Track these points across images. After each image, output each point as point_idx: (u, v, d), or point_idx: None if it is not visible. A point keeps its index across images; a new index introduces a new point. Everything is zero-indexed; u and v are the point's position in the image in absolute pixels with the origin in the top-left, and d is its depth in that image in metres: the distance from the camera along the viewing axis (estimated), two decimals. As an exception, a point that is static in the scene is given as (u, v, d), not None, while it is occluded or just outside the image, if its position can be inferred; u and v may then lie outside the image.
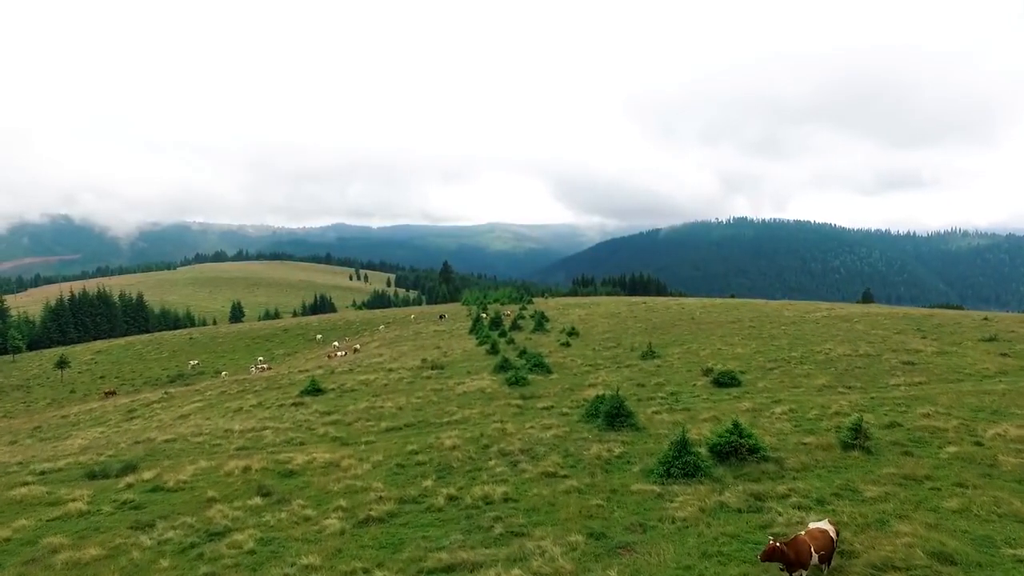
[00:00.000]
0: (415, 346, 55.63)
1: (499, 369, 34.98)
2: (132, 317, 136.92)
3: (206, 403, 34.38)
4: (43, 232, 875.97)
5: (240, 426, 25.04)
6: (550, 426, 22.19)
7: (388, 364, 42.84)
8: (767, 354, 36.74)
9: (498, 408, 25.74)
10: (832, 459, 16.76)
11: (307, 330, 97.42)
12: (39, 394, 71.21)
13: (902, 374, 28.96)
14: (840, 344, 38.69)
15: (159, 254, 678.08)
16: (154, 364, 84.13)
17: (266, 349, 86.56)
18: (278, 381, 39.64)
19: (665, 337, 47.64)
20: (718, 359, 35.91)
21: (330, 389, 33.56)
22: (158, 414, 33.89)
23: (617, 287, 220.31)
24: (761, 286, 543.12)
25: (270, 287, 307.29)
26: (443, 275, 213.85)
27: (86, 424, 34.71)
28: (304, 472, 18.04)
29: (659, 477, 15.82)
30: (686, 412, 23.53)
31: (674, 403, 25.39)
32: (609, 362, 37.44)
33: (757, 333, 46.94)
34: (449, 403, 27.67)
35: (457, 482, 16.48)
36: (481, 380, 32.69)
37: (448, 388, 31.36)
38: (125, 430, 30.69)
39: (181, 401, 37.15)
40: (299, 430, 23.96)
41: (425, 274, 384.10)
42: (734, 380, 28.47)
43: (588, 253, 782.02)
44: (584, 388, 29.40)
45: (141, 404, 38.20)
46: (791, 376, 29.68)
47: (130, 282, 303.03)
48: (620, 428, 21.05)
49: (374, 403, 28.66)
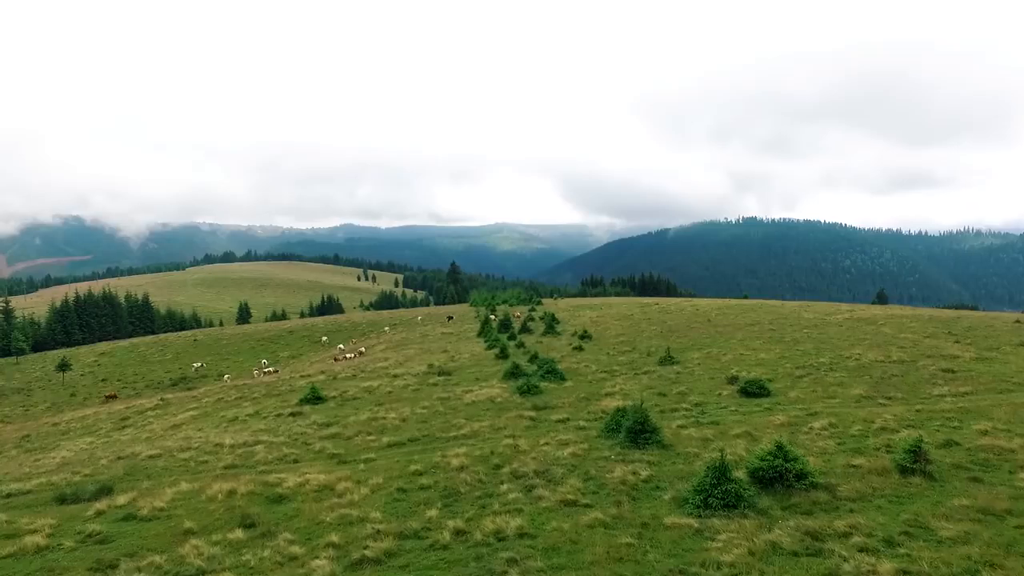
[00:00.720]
0: (421, 349, 53.84)
1: (509, 376, 33.10)
2: (138, 318, 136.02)
3: (201, 411, 32.69)
4: (55, 233, 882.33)
5: (231, 439, 23.26)
6: (567, 442, 20.27)
7: (393, 369, 41.04)
8: (793, 360, 34.67)
9: (509, 421, 23.84)
10: (891, 486, 14.75)
11: (313, 332, 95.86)
12: (39, 397, 69.93)
13: (944, 383, 26.87)
14: (870, 349, 36.58)
15: (169, 255, 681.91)
16: (157, 367, 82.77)
17: (271, 351, 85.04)
18: (278, 387, 37.92)
19: (682, 341, 45.61)
20: (741, 365, 33.89)
21: (331, 397, 31.78)
22: (151, 423, 32.22)
23: (627, 287, 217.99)
24: (771, 286, 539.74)
25: (278, 288, 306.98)
26: (451, 276, 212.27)
27: (76, 433, 33.11)
28: (295, 497, 16.20)
29: (696, 508, 13.87)
30: (715, 426, 21.55)
31: (700, 416, 23.41)
32: (625, 368, 35.47)
33: (779, 337, 44.84)
34: (456, 414, 25.80)
35: (465, 511, 14.60)
36: (491, 388, 30.81)
37: (455, 397, 29.51)
38: (114, 441, 29.02)
39: (176, 409, 35.49)
40: (294, 445, 22.16)
41: (433, 274, 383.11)
42: (763, 389, 26.44)
43: (596, 253, 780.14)
44: (601, 398, 27.46)
45: (135, 412, 36.56)
46: (823, 385, 27.62)
47: (139, 283, 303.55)
48: (645, 446, 19.11)
49: (376, 413, 26.84)
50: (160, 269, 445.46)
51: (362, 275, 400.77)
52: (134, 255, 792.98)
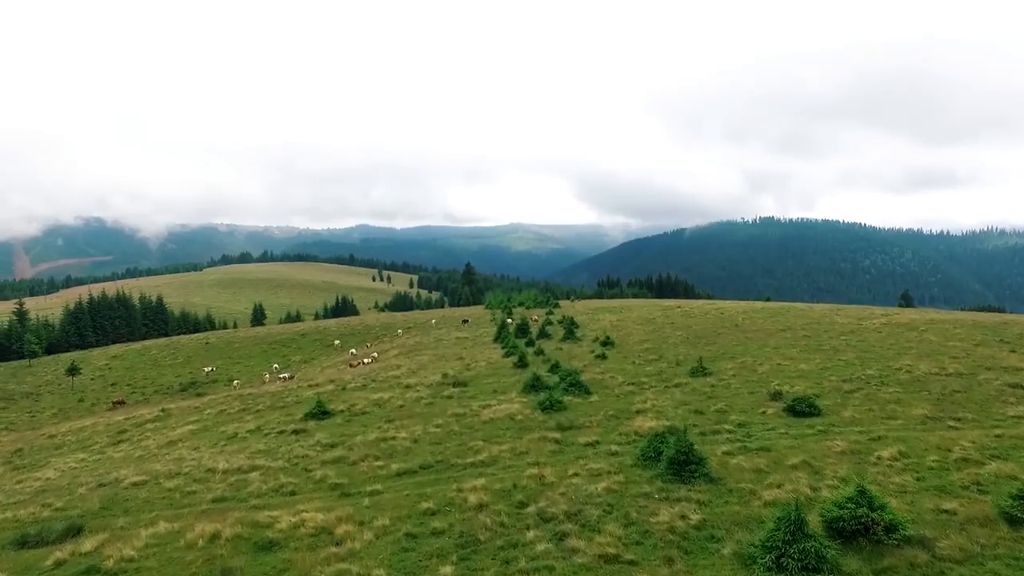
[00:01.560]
0: (436, 355, 51.57)
1: (530, 388, 30.69)
2: (151, 320, 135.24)
3: (201, 426, 30.64)
4: (76, 234, 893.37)
5: (225, 463, 21.07)
6: (599, 473, 17.85)
7: (405, 378, 38.78)
8: (837, 371, 31.92)
9: (532, 444, 21.43)
10: (1002, 543, 12.17)
11: (325, 335, 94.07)
12: (47, 403, 68.65)
13: (1016, 401, 24.10)
14: (920, 360, 33.72)
15: (187, 255, 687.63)
16: (168, 371, 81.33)
17: (282, 355, 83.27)
18: (283, 398, 35.81)
19: (712, 349, 42.91)
20: (781, 377, 31.21)
21: (338, 411, 29.56)
22: (148, 437, 30.22)
23: (644, 289, 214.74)
24: (789, 287, 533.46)
25: (293, 289, 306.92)
26: (465, 277, 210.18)
27: (70, 448, 31.24)
28: (287, 543, 13.92)
29: (767, 572, 11.39)
30: (766, 454, 19.00)
31: (746, 439, 20.86)
32: (654, 380, 32.90)
33: (815, 344, 41.99)
34: (473, 434, 23.44)
35: (485, 568, 12.23)
36: (510, 403, 28.42)
37: (472, 413, 27.14)
38: (105, 459, 27.02)
39: (176, 421, 33.50)
40: (293, 471, 19.91)
41: (447, 275, 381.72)
42: (812, 408, 23.79)
43: (612, 253, 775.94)
44: (631, 416, 24.96)
45: (134, 424, 34.63)
46: (879, 403, 24.91)
47: (157, 283, 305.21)
48: (690, 479, 16.63)
49: (385, 432, 24.54)
50: (178, 270, 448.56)
51: (377, 276, 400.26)
52: (153, 255, 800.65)
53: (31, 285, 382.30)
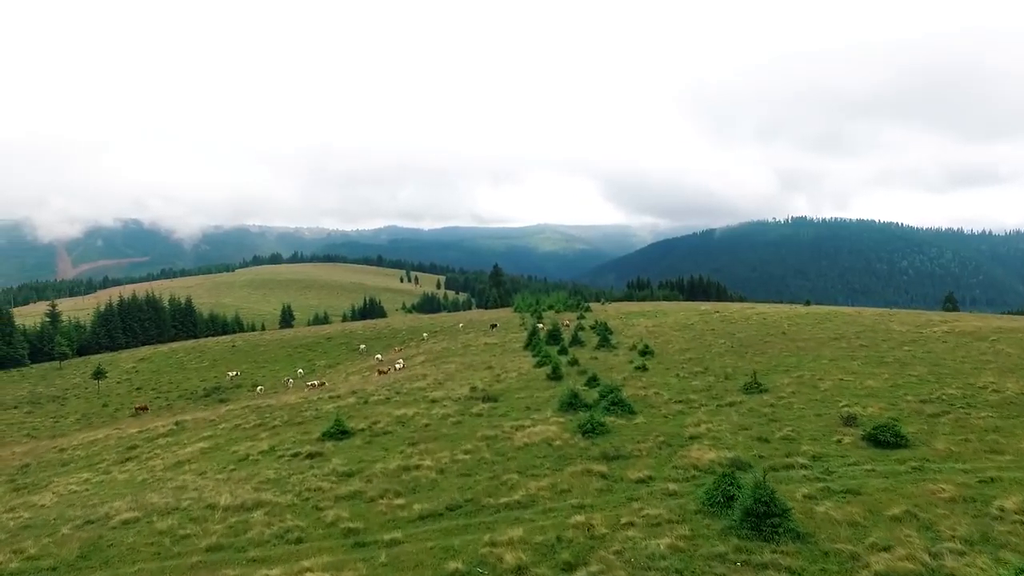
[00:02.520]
0: (463, 364, 49.06)
1: (567, 407, 27.90)
2: (180, 322, 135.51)
3: (213, 443, 28.50)
4: (115, 236, 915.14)
5: (229, 497, 18.71)
6: (658, 522, 15.01)
7: (431, 391, 36.29)
8: (911, 389, 28.52)
9: (575, 479, 18.66)
10: None
11: (351, 338, 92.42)
12: (72, 407, 67.92)
13: None
14: (1003, 376, 30.13)
15: (220, 256, 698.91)
16: (193, 374, 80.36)
17: (307, 359, 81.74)
18: (302, 412, 33.58)
19: (761, 360, 39.59)
20: (848, 396, 27.93)
21: (358, 430, 27.14)
22: (157, 456, 28.18)
23: (675, 290, 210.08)
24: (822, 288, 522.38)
25: (322, 289, 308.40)
26: (493, 279, 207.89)
27: (77, 465, 29.42)
28: (284, 618, 11.39)
29: None
30: (857, 499, 15.95)
31: (827, 477, 17.80)
32: (704, 396, 29.85)
33: (877, 356, 38.43)
34: (507, 463, 20.76)
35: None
36: (545, 423, 25.67)
37: (504, 435, 24.46)
38: (108, 481, 25.00)
39: (189, 436, 31.48)
40: (302, 510, 17.45)
41: (475, 276, 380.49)
42: (898, 437, 20.54)
43: (640, 254, 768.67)
44: (685, 443, 22.02)
45: (146, 438, 32.73)
46: (974, 431, 21.57)
47: (190, 284, 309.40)
48: (773, 536, 13.71)
49: (409, 459, 22.01)
50: (211, 270, 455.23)
51: (404, 276, 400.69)
52: (188, 256, 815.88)
53: (71, 286, 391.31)
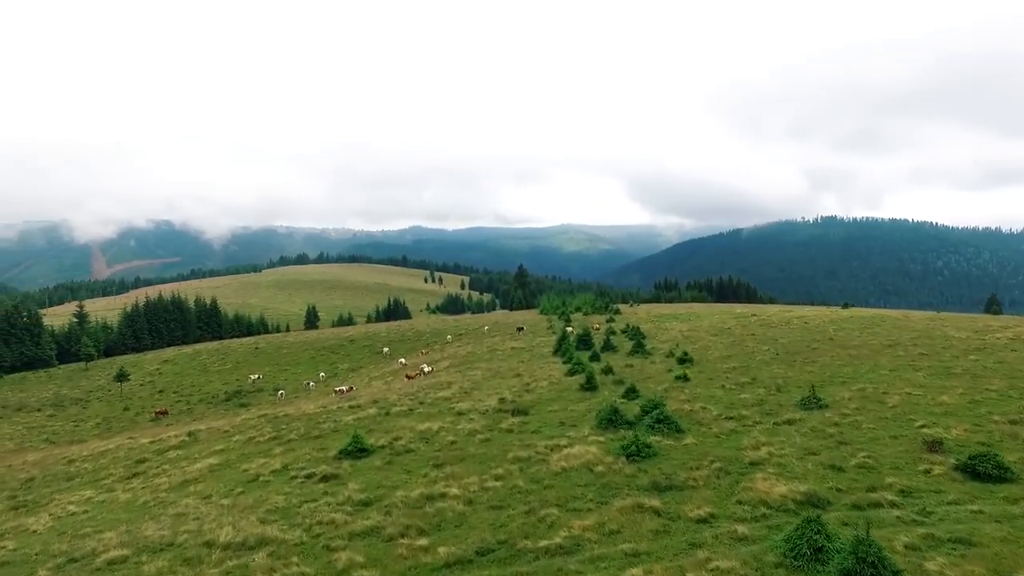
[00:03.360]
0: (490, 371, 46.69)
1: (606, 423, 25.34)
2: (206, 322, 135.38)
3: (223, 459, 26.51)
4: (148, 236, 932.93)
5: (231, 530, 16.56)
6: (732, 578, 12.44)
7: (457, 401, 33.97)
8: (994, 407, 25.39)
9: (624, 516, 16.11)
10: None
11: (374, 341, 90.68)
12: (94, 410, 67.10)
13: None
14: (1097, 391, 26.81)
15: (249, 256, 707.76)
16: (215, 377, 79.27)
17: (330, 363, 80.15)
18: (319, 423, 31.48)
19: (813, 369, 36.55)
20: (922, 414, 24.91)
21: (378, 447, 24.89)
22: (165, 471, 26.29)
23: (703, 291, 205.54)
24: (853, 289, 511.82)
25: (347, 290, 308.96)
26: (518, 279, 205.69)
27: (83, 479, 27.67)
28: None
29: None
30: (973, 552, 13.18)
31: (925, 520, 15.02)
32: (756, 412, 27.04)
33: (942, 366, 35.11)
34: (543, 493, 18.31)
35: None
36: (584, 443, 23.16)
37: (538, 457, 22.01)
38: (110, 502, 23.11)
39: (201, 449, 29.58)
40: (311, 552, 15.19)
41: (499, 276, 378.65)
42: (1002, 470, 17.60)
43: (665, 254, 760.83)
44: (746, 470, 19.33)
45: (156, 451, 30.91)
46: (1087, 460, 18.54)
47: (217, 284, 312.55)
48: (883, 608, 11.05)
49: (433, 485, 19.69)
50: (239, 271, 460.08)
51: (429, 277, 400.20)
52: (217, 256, 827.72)
53: (104, 286, 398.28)
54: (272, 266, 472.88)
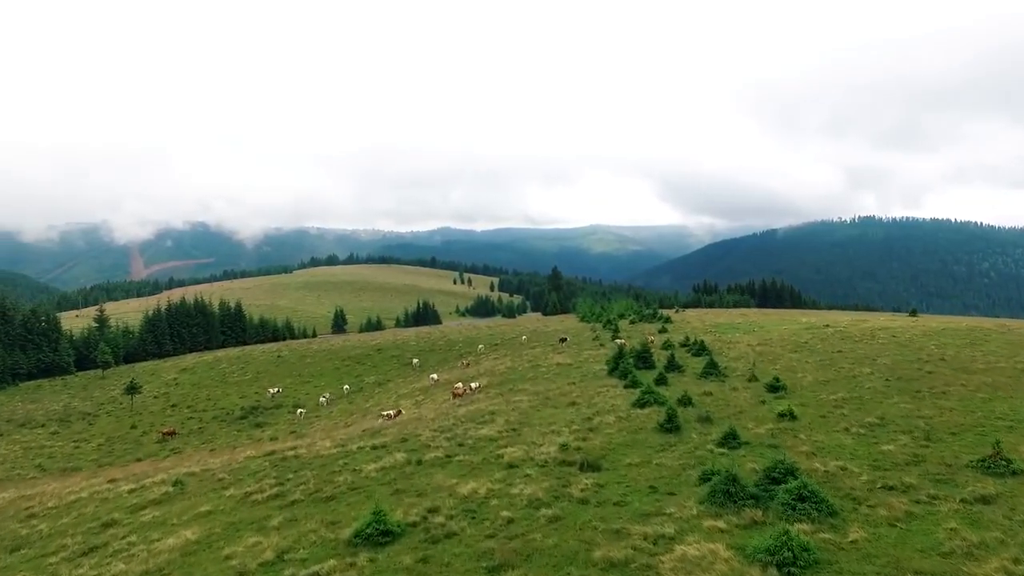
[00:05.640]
0: (538, 396, 39.81)
1: (723, 496, 18.23)
2: (230, 327, 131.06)
3: (206, 531, 20.08)
4: (183, 237, 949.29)
5: None
6: None
7: (504, 444, 27.15)
8: None
9: None
10: None
11: (403, 350, 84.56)
12: (100, 428, 62.01)
13: None
14: None
15: (280, 257, 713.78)
16: (233, 390, 73.88)
17: (355, 375, 74.17)
18: (333, 473, 24.91)
19: (951, 405, 28.91)
20: None
21: (407, 527, 18.15)
22: (130, 546, 19.97)
23: (745, 295, 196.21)
24: (893, 291, 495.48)
25: (375, 291, 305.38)
26: (552, 282, 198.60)
27: (27, 553, 21.55)
28: None
29: None
30: None
31: None
32: (923, 479, 19.68)
33: None
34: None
35: None
36: (699, 532, 16.18)
37: (638, 557, 15.06)
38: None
39: (183, 509, 23.26)
40: None
41: (528, 278, 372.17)
42: None
43: (696, 255, 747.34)
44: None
45: (130, 508, 24.66)
46: None
47: (248, 285, 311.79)
48: None
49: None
50: (270, 271, 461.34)
51: (458, 278, 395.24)
52: (249, 257, 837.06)
53: (139, 286, 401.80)
54: (303, 267, 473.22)
